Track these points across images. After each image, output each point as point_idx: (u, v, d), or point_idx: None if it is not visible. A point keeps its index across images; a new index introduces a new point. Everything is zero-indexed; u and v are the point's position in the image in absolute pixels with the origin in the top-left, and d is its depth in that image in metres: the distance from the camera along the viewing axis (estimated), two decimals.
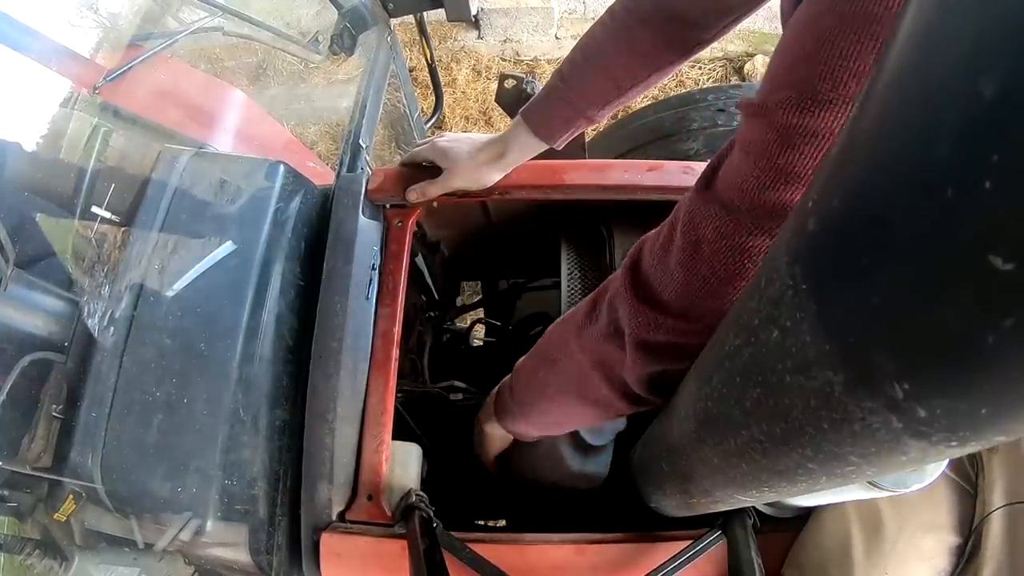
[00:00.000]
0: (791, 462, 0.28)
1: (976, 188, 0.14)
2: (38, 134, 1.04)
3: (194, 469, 0.66)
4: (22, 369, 0.67)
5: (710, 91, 1.27)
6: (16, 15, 1.07)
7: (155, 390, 0.68)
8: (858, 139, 0.20)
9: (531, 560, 0.64)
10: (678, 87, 2.34)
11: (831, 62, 0.32)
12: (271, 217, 0.77)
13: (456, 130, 2.31)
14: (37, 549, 0.71)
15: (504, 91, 0.98)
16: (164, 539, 0.68)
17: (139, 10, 1.28)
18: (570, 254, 0.95)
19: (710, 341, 0.39)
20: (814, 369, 0.23)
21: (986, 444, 0.20)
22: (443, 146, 0.79)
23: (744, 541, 0.58)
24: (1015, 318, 0.14)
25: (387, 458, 0.70)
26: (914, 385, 0.18)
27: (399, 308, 0.77)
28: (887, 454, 0.22)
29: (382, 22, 1.14)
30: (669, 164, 0.84)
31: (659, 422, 0.56)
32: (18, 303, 0.71)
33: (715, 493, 0.43)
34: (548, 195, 0.84)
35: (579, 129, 0.72)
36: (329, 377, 0.71)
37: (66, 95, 1.18)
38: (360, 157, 0.91)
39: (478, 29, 2.57)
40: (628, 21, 0.63)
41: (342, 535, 0.66)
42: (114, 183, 0.79)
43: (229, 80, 1.72)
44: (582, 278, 0.94)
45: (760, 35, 2.45)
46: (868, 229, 0.19)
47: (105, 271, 0.76)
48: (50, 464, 0.69)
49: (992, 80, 0.14)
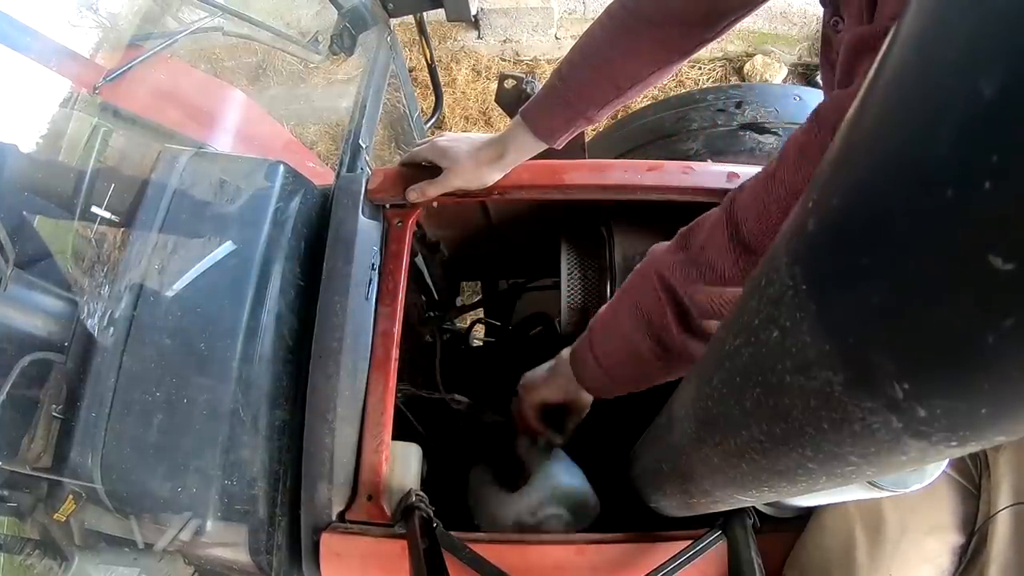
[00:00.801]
0: (791, 462, 0.28)
1: (976, 188, 0.14)
2: (38, 134, 1.04)
3: (194, 469, 0.66)
4: (22, 369, 0.68)
5: (710, 91, 1.27)
6: (16, 15, 1.07)
7: (155, 390, 0.68)
8: (858, 139, 0.20)
9: (531, 560, 0.64)
10: (678, 87, 2.34)
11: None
12: (271, 217, 0.77)
13: (456, 130, 2.31)
14: (37, 549, 0.71)
15: (504, 91, 0.98)
16: (164, 539, 0.68)
17: (139, 10, 1.29)
18: (570, 254, 0.95)
19: (710, 341, 0.39)
20: (814, 369, 0.23)
21: (986, 444, 0.20)
22: (442, 146, 0.79)
23: (744, 541, 0.58)
24: (1015, 318, 0.14)
25: (387, 458, 0.70)
26: (914, 385, 0.18)
27: (399, 308, 0.77)
28: (887, 454, 0.22)
29: (382, 22, 1.14)
30: (669, 164, 0.84)
31: (659, 422, 0.56)
32: (18, 303, 0.71)
33: (715, 493, 0.43)
34: (548, 195, 0.84)
35: (578, 129, 0.72)
36: (329, 377, 0.71)
37: (66, 95, 1.18)
38: (360, 157, 0.91)
39: (478, 29, 2.57)
40: (627, 21, 0.63)
41: (342, 535, 0.66)
42: (114, 183, 0.79)
43: (229, 80, 1.72)
44: (582, 278, 0.94)
45: (760, 35, 2.45)
46: (868, 229, 0.19)
47: (105, 271, 0.76)
48: (50, 464, 0.69)
49: (992, 80, 0.14)
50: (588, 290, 0.93)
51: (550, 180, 0.83)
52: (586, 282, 0.93)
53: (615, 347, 0.63)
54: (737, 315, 0.32)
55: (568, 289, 0.93)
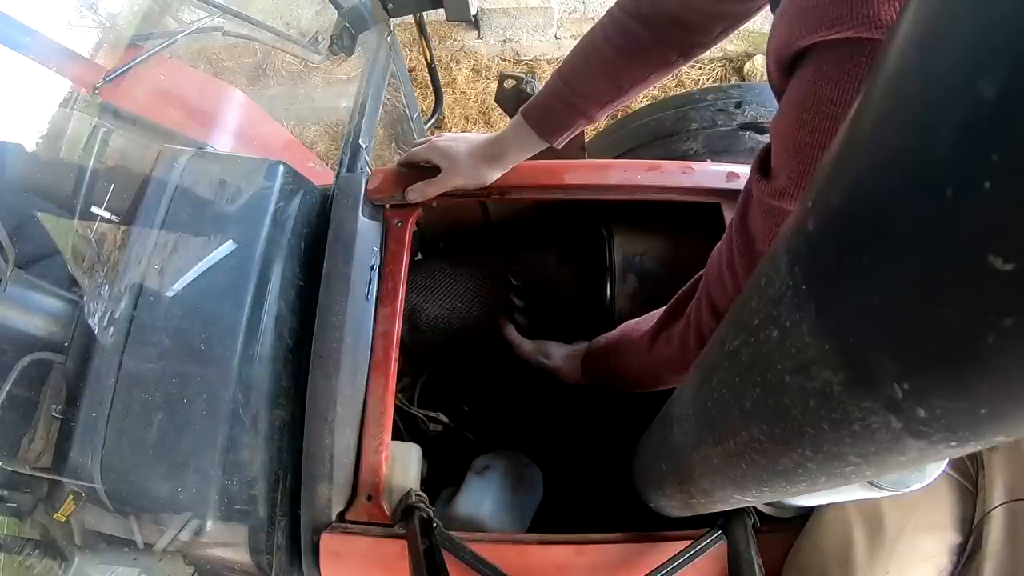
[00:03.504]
0: (791, 462, 0.28)
1: (976, 188, 0.14)
2: (38, 134, 1.04)
3: (194, 469, 0.66)
4: (22, 369, 0.67)
5: (710, 91, 1.27)
6: (16, 15, 1.07)
7: (155, 390, 0.68)
8: (858, 139, 0.20)
9: (531, 560, 0.64)
10: (678, 87, 2.33)
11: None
12: (271, 217, 0.77)
13: (456, 130, 2.31)
14: (37, 549, 0.71)
15: (504, 91, 0.98)
16: (164, 539, 0.68)
17: (139, 10, 1.28)
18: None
19: (710, 341, 0.39)
20: (814, 369, 0.23)
21: (986, 444, 0.20)
22: (442, 145, 0.79)
23: (744, 541, 0.58)
24: (1015, 318, 0.14)
25: (387, 458, 0.70)
26: (914, 385, 0.18)
27: (399, 308, 0.77)
28: (887, 454, 0.22)
29: (382, 22, 1.14)
30: (669, 164, 0.84)
31: (659, 422, 0.56)
32: (18, 303, 0.71)
33: (715, 493, 0.43)
34: (548, 195, 0.84)
35: (578, 128, 0.72)
36: (329, 377, 0.71)
37: (66, 95, 1.18)
38: (360, 157, 0.91)
39: (478, 29, 2.56)
40: (627, 23, 0.63)
41: (342, 535, 0.66)
42: (114, 183, 0.79)
43: (229, 80, 1.72)
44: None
45: (760, 35, 2.45)
46: (868, 229, 0.19)
47: (105, 271, 0.76)
48: (50, 464, 0.69)
49: (992, 80, 0.14)
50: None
51: (550, 180, 0.83)
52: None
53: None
54: (737, 315, 0.32)
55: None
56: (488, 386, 1.00)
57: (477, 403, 0.98)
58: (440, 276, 0.94)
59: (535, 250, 0.96)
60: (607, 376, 0.78)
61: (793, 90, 0.39)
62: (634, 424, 0.72)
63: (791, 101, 0.39)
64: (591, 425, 0.95)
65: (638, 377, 0.72)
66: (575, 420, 0.96)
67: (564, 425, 0.96)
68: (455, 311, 0.94)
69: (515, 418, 0.98)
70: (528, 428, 0.96)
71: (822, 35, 0.34)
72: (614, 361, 0.76)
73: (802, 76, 0.38)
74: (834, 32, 0.33)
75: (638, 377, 0.72)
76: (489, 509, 0.76)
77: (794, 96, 0.38)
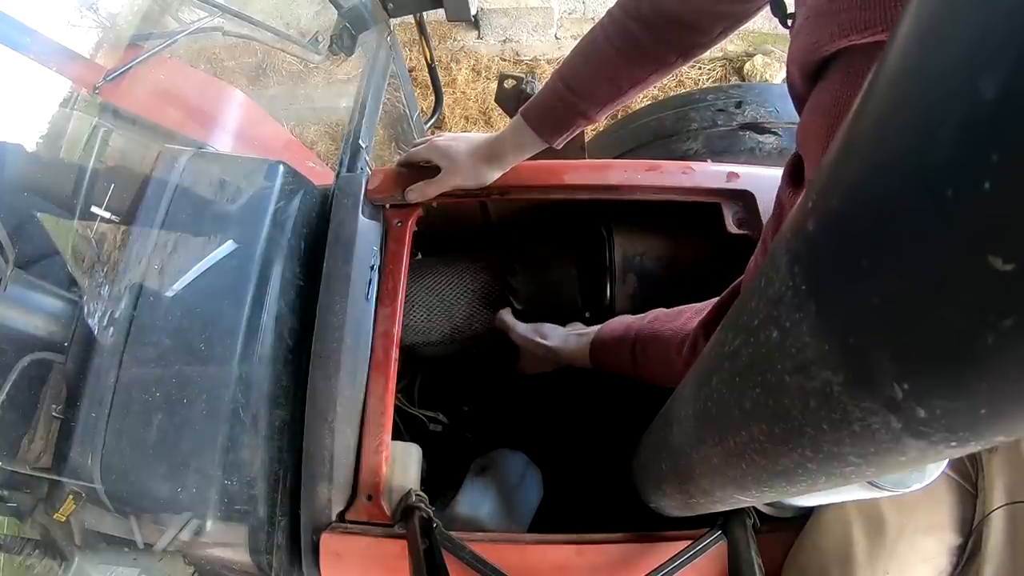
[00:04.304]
0: (791, 462, 0.28)
1: (976, 188, 0.14)
2: (38, 134, 1.04)
3: (194, 469, 0.66)
4: (22, 369, 0.67)
5: (710, 91, 1.27)
6: (16, 15, 1.07)
7: (155, 390, 0.68)
8: (858, 139, 0.20)
9: (531, 560, 0.64)
10: (678, 87, 2.33)
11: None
12: (271, 217, 0.77)
13: (456, 130, 2.31)
14: (37, 549, 0.71)
15: (504, 91, 0.98)
16: (164, 539, 0.68)
17: (139, 10, 1.28)
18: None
19: (710, 341, 0.39)
20: (814, 369, 0.23)
21: (986, 444, 0.20)
22: (441, 145, 0.79)
23: (744, 541, 0.58)
24: (1015, 318, 0.14)
25: (387, 458, 0.70)
26: (914, 385, 0.18)
27: (399, 308, 0.77)
28: (886, 454, 0.22)
29: (382, 22, 1.14)
30: (669, 164, 0.84)
31: (659, 422, 0.56)
32: (18, 303, 0.71)
33: (715, 493, 0.43)
34: (548, 195, 0.84)
35: (578, 129, 0.72)
36: (329, 377, 0.71)
37: (66, 95, 1.18)
38: (360, 157, 0.91)
39: (478, 29, 2.56)
40: (627, 23, 0.64)
41: (342, 535, 0.66)
42: (114, 183, 0.79)
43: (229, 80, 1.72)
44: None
45: (760, 35, 2.45)
46: (868, 229, 0.19)
47: (105, 271, 0.76)
48: (50, 464, 0.69)
49: (992, 80, 0.14)
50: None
51: (550, 180, 0.83)
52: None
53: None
54: (737, 315, 0.32)
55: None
56: (488, 386, 1.00)
57: (477, 403, 0.98)
58: (440, 276, 0.94)
59: (535, 250, 0.96)
60: (627, 367, 0.72)
61: (819, 97, 0.38)
62: (634, 423, 0.72)
63: (818, 108, 0.38)
64: (591, 425, 0.95)
65: (667, 377, 0.67)
66: (575, 420, 0.96)
67: (564, 425, 0.96)
68: (455, 311, 0.94)
69: (515, 418, 0.98)
70: (528, 428, 0.96)
71: (854, 39, 0.33)
72: (642, 357, 0.70)
73: (830, 82, 0.37)
74: (866, 35, 0.32)
75: (667, 377, 0.67)
76: (489, 509, 0.76)
77: (822, 103, 0.38)
